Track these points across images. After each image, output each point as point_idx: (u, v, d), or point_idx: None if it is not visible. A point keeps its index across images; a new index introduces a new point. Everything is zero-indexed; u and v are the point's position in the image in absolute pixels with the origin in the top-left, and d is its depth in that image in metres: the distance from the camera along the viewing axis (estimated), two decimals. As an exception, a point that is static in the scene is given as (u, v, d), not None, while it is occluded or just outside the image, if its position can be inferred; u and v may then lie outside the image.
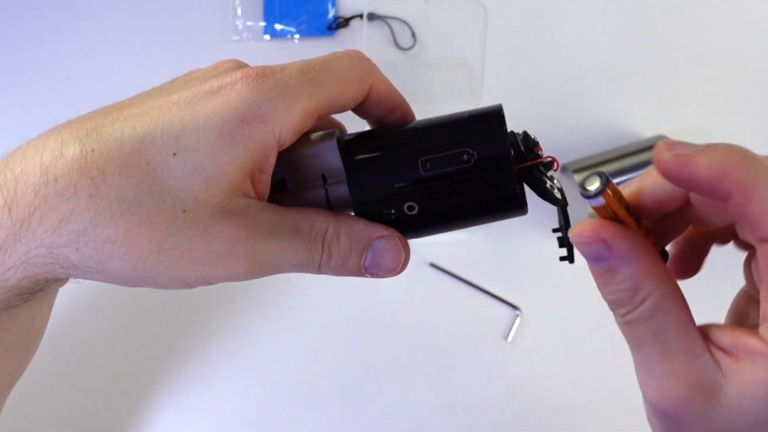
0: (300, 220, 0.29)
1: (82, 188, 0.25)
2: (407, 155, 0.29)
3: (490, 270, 0.63)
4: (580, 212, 0.61)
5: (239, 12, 0.68)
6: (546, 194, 0.30)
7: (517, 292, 0.61)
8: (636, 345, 0.26)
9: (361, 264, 0.30)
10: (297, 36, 0.68)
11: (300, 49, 0.68)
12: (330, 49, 0.67)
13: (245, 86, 0.27)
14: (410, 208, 0.30)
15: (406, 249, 0.30)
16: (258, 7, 0.68)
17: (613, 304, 0.27)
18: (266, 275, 0.28)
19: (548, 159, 0.30)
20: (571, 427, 0.61)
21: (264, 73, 0.28)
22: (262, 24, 0.68)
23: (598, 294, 0.28)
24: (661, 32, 0.70)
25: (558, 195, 0.31)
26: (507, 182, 0.29)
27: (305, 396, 0.60)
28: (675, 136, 0.63)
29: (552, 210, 0.32)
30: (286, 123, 0.27)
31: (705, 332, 0.26)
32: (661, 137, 0.63)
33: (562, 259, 0.31)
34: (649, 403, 0.27)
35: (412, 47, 0.67)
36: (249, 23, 0.68)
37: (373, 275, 0.30)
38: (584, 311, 0.62)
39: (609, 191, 0.25)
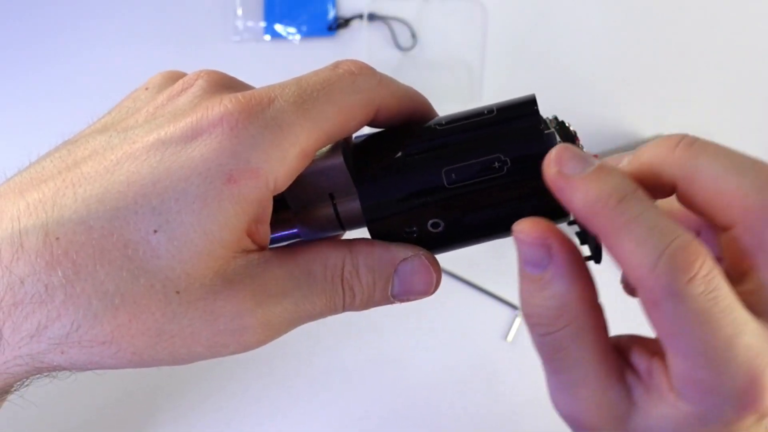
0: (311, 262, 0.25)
1: (55, 288, 0.21)
2: (428, 165, 0.25)
3: (490, 269, 0.63)
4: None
5: (239, 12, 0.68)
6: (587, 235, 0.27)
7: (517, 291, 0.61)
8: (550, 367, 0.25)
9: (389, 294, 0.26)
10: (297, 36, 0.68)
11: (300, 50, 0.68)
12: (330, 49, 0.68)
13: (228, 133, 0.22)
14: (435, 225, 0.25)
15: (436, 267, 0.26)
16: (258, 7, 0.68)
17: (531, 319, 0.24)
18: (285, 333, 0.25)
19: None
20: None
21: (250, 111, 0.22)
22: (263, 24, 0.68)
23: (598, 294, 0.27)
24: (662, 32, 0.70)
25: None
26: (546, 198, 0.23)
27: (305, 392, 0.60)
28: (675, 136, 0.63)
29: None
30: (281, 171, 0.23)
31: (625, 349, 0.25)
32: (661, 137, 0.63)
33: (587, 258, 0.26)
34: (560, 415, 0.26)
35: (412, 47, 0.68)
36: (249, 23, 0.68)
37: (405, 301, 0.26)
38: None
39: None
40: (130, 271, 0.21)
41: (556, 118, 0.26)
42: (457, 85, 0.67)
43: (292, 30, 0.68)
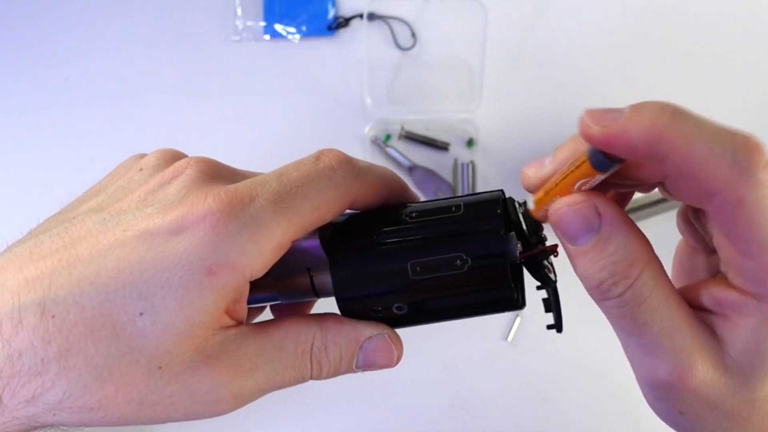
0: (284, 338, 0.27)
1: (50, 361, 0.24)
2: (396, 258, 0.27)
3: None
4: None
5: (239, 12, 0.68)
6: (543, 279, 0.29)
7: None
8: (635, 328, 0.25)
9: (353, 366, 0.29)
10: (297, 36, 0.68)
11: (300, 49, 0.68)
12: (330, 49, 0.68)
13: (210, 230, 0.24)
14: (399, 308, 0.28)
15: (398, 344, 0.29)
16: (258, 7, 0.68)
17: (605, 284, 0.25)
18: (255, 400, 0.27)
19: (552, 247, 0.28)
20: (571, 427, 0.61)
21: (231, 209, 0.25)
22: (262, 24, 0.68)
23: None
24: (661, 32, 0.70)
25: (552, 276, 0.29)
26: (504, 288, 0.27)
27: (303, 396, 0.60)
28: (675, 136, 0.63)
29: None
30: (256, 264, 0.25)
31: (686, 294, 0.26)
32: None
33: (549, 327, 0.30)
34: (654, 384, 0.26)
35: (412, 47, 0.68)
36: (249, 23, 0.68)
37: (367, 371, 0.29)
38: (584, 311, 0.62)
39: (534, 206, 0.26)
40: (117, 348, 0.24)
41: (525, 204, 0.28)
42: (457, 85, 0.67)
43: (291, 30, 0.68)
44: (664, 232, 0.32)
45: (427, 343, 0.62)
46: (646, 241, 0.25)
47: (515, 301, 0.28)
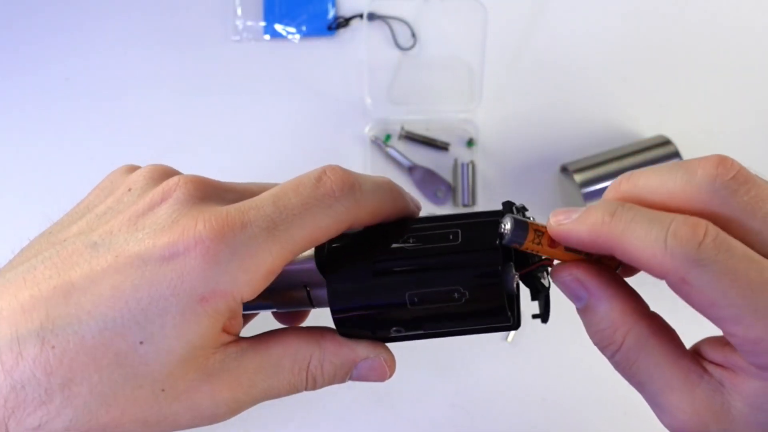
0: (282, 357, 0.28)
1: (53, 392, 0.24)
2: (394, 289, 0.27)
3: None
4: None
5: (239, 12, 0.68)
6: (537, 290, 0.30)
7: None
8: (636, 384, 0.27)
9: (346, 380, 0.30)
10: (297, 36, 0.68)
11: (300, 49, 0.68)
12: (330, 49, 0.68)
13: (201, 258, 0.25)
14: (397, 330, 0.29)
15: (392, 364, 0.30)
16: (258, 7, 0.68)
17: (599, 347, 0.27)
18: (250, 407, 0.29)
19: (547, 261, 0.29)
20: (571, 427, 0.61)
21: (222, 237, 0.25)
22: (262, 24, 0.68)
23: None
24: (662, 32, 0.70)
25: (546, 283, 0.30)
26: (500, 317, 0.28)
27: (302, 396, 0.60)
28: (675, 136, 0.63)
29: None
30: (247, 289, 0.26)
31: (698, 352, 0.26)
32: (661, 137, 0.63)
33: (534, 317, 0.31)
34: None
35: (412, 47, 0.68)
36: (249, 23, 0.68)
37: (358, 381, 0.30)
38: (584, 311, 0.62)
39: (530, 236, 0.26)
40: (120, 375, 0.24)
41: (523, 209, 0.29)
42: (457, 85, 0.67)
43: (291, 30, 0.68)
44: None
45: (427, 343, 0.62)
46: (633, 303, 0.26)
47: (511, 326, 0.29)
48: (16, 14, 0.68)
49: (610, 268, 0.27)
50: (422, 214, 0.31)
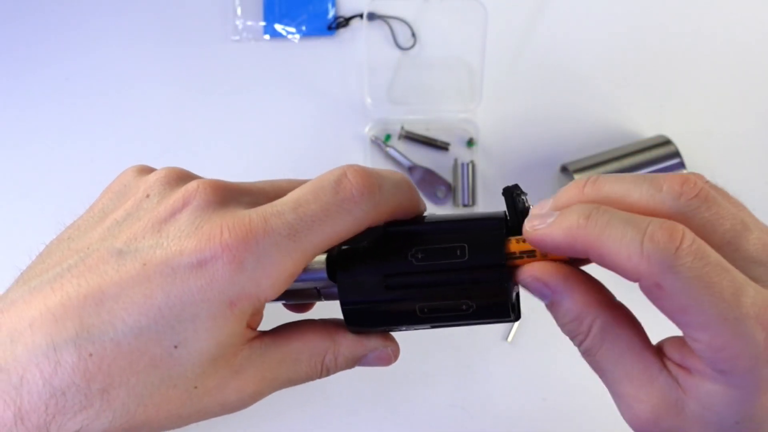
0: (300, 351, 0.30)
1: (93, 398, 0.25)
2: (405, 302, 0.29)
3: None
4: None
5: (239, 12, 0.68)
6: None
7: (517, 292, 0.61)
8: (599, 372, 0.28)
9: (355, 366, 0.32)
10: (297, 36, 0.68)
11: (300, 49, 0.68)
12: (330, 49, 0.68)
13: (228, 265, 0.26)
14: (404, 329, 0.31)
15: (397, 354, 0.32)
16: (258, 6, 0.68)
17: (569, 337, 0.28)
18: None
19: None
20: (571, 427, 0.61)
21: (246, 244, 0.26)
22: (262, 24, 0.68)
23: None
24: (662, 32, 0.70)
25: None
26: (504, 319, 0.29)
27: (304, 396, 0.60)
28: (675, 135, 0.63)
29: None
30: (270, 292, 0.27)
31: (660, 348, 0.27)
32: (661, 137, 0.63)
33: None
34: (627, 423, 0.28)
35: (412, 47, 0.68)
36: (249, 23, 0.68)
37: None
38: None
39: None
40: (156, 376, 0.26)
41: (519, 192, 0.30)
42: (457, 85, 0.67)
43: (291, 29, 0.68)
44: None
45: (426, 342, 0.62)
46: (596, 293, 0.27)
47: (513, 320, 0.30)
48: (16, 14, 0.68)
49: (568, 263, 0.28)
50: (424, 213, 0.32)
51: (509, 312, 0.29)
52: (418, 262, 0.29)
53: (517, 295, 0.31)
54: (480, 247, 0.28)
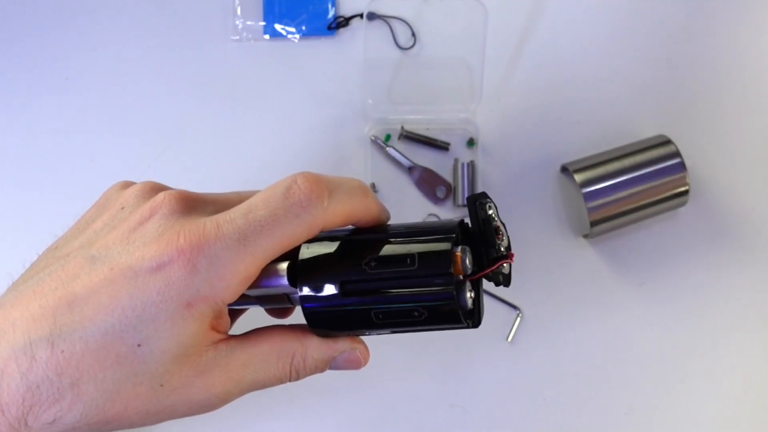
0: (268, 353, 0.32)
1: (65, 390, 0.27)
2: (359, 306, 0.30)
3: (490, 270, 0.63)
4: (582, 213, 0.61)
5: (239, 12, 0.68)
6: (499, 284, 0.32)
7: (517, 292, 0.61)
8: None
9: (326, 369, 0.34)
10: (297, 36, 0.68)
11: (300, 49, 0.68)
12: (330, 49, 0.68)
13: (183, 268, 0.28)
14: (366, 333, 0.33)
15: (366, 356, 0.34)
16: (258, 6, 0.68)
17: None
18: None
19: (506, 260, 0.32)
20: (571, 427, 0.61)
21: (200, 249, 0.28)
22: (262, 24, 0.68)
23: (598, 294, 0.28)
24: (662, 32, 0.70)
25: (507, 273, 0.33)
26: (459, 325, 0.31)
27: (304, 396, 0.60)
28: (675, 135, 0.63)
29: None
30: (226, 294, 0.29)
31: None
32: (661, 137, 0.63)
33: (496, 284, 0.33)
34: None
35: (412, 47, 0.67)
36: (249, 23, 0.68)
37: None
38: (584, 311, 0.62)
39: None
40: (122, 373, 0.28)
41: (484, 200, 0.32)
42: (457, 85, 0.67)
43: (291, 29, 0.68)
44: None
45: (426, 342, 0.62)
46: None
47: (469, 327, 0.31)
48: (16, 14, 0.68)
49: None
50: (417, 215, 0.33)
51: (461, 319, 0.30)
52: (371, 269, 0.30)
53: (476, 301, 0.32)
54: (429, 256, 0.30)
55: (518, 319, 0.61)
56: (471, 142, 0.65)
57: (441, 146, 0.65)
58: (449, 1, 0.67)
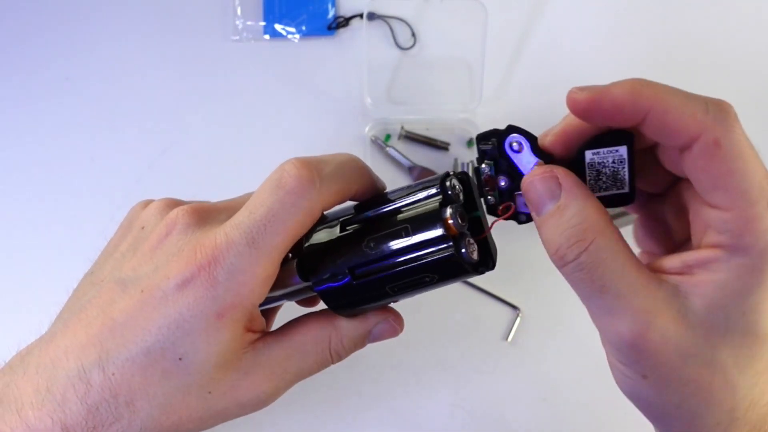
0: (304, 343, 0.33)
1: (122, 409, 0.29)
2: (374, 285, 0.31)
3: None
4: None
5: (239, 12, 0.68)
6: (518, 220, 0.33)
7: (517, 292, 0.61)
8: (593, 289, 0.27)
9: (366, 344, 0.34)
10: (297, 36, 0.68)
11: (300, 49, 0.68)
12: (330, 49, 0.68)
13: (206, 282, 0.29)
14: (388, 301, 0.33)
15: (400, 321, 0.34)
16: (258, 6, 0.68)
17: (562, 248, 0.27)
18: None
19: (505, 215, 0.32)
20: (571, 428, 0.61)
21: (217, 262, 0.29)
22: (262, 24, 0.68)
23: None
24: (661, 32, 0.70)
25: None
26: (470, 276, 0.31)
27: (302, 396, 0.60)
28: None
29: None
30: (251, 298, 0.30)
31: (652, 267, 0.28)
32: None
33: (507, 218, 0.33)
34: (617, 344, 0.28)
35: (412, 47, 0.68)
36: (249, 23, 0.68)
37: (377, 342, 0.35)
38: (584, 311, 0.62)
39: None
40: (170, 386, 0.29)
41: (467, 171, 0.33)
42: (457, 85, 0.67)
43: (291, 29, 0.68)
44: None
45: (427, 342, 0.62)
46: (603, 212, 0.27)
47: (486, 271, 0.32)
48: (16, 14, 0.68)
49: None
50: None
51: (470, 271, 0.30)
52: (372, 251, 0.31)
53: (487, 247, 0.32)
54: (421, 225, 0.30)
55: (518, 319, 0.61)
56: (471, 142, 0.65)
57: (441, 146, 0.65)
58: (449, 1, 0.67)
